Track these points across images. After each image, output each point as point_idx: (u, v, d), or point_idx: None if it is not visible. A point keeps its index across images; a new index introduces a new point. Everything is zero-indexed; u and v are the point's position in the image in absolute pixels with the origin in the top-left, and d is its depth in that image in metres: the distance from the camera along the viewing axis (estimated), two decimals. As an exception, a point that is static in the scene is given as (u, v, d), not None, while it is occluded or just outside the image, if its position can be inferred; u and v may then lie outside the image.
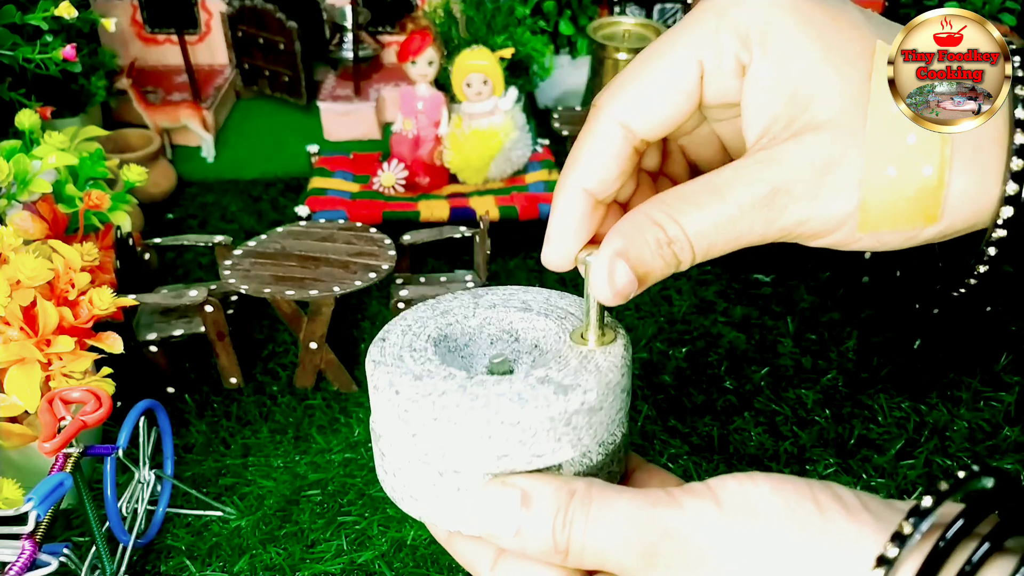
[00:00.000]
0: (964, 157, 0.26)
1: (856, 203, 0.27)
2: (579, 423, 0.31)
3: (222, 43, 1.26)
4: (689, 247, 0.28)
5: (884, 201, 0.27)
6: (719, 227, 0.27)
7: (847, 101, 0.27)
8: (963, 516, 0.23)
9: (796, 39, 0.27)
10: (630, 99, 0.29)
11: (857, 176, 0.27)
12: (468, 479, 0.31)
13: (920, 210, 0.27)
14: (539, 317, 0.36)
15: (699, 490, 0.27)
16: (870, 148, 0.26)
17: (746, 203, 0.27)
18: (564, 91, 1.31)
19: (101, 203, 0.76)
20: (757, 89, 0.28)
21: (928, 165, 0.26)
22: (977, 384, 0.78)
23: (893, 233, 0.27)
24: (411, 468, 0.32)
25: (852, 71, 0.27)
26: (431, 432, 0.31)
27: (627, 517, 0.27)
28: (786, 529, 0.25)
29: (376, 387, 0.33)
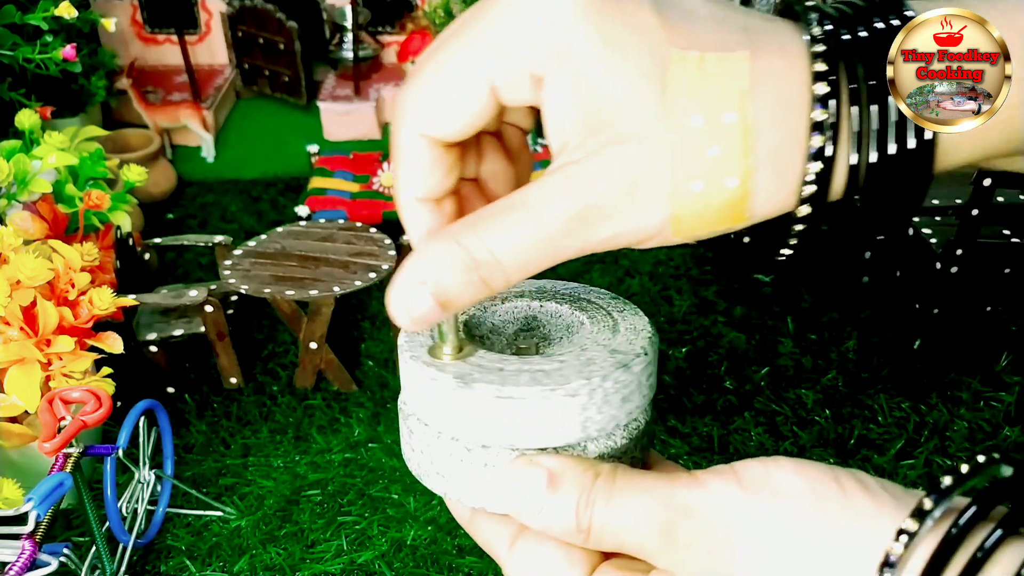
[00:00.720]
0: (766, 166, 0.27)
1: (666, 215, 0.28)
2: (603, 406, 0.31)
3: (222, 43, 1.26)
4: (501, 269, 0.29)
5: (693, 213, 0.27)
6: (532, 246, 0.28)
7: (648, 113, 0.27)
8: (977, 501, 0.24)
9: (592, 49, 0.27)
10: (424, 110, 0.29)
11: (665, 190, 0.28)
12: (496, 456, 0.31)
13: (729, 215, 0.28)
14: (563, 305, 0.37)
15: (722, 470, 0.27)
16: (673, 164, 0.27)
17: (558, 222, 0.26)
18: (564, 91, 1.30)
19: (101, 203, 0.76)
20: (555, 104, 0.28)
21: (732, 177, 0.26)
22: (977, 384, 0.78)
23: (708, 234, 0.29)
24: (440, 444, 0.33)
25: (651, 80, 0.27)
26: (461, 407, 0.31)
27: (649, 495, 0.27)
28: (808, 508, 0.25)
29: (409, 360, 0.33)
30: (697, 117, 0.26)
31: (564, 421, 0.32)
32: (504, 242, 0.28)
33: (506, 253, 0.28)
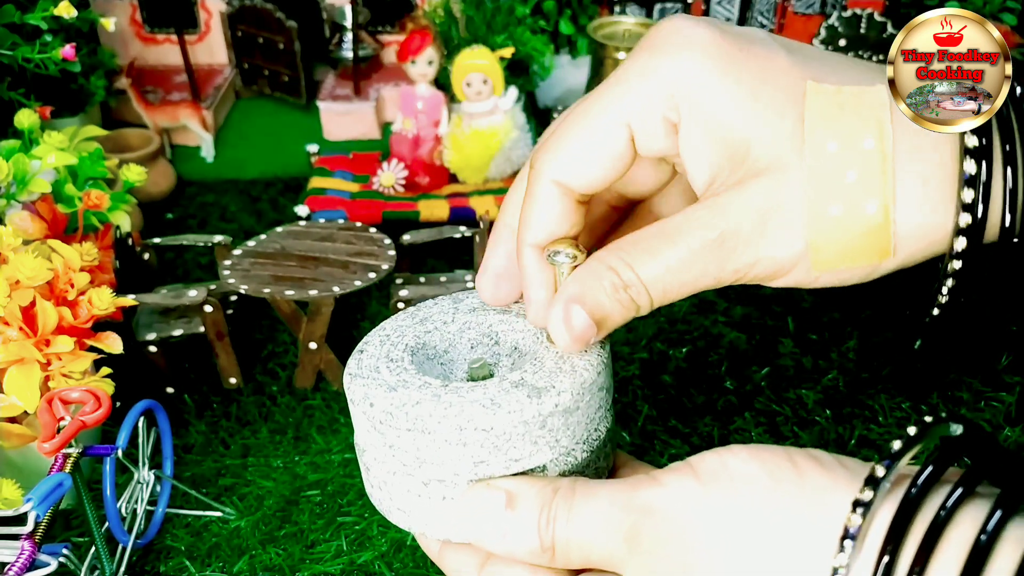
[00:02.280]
0: (912, 191, 0.26)
1: (804, 244, 0.27)
2: (555, 425, 0.31)
3: (222, 43, 1.26)
4: (645, 291, 0.29)
5: (832, 240, 0.27)
6: (672, 271, 0.28)
7: (784, 145, 0.27)
8: (933, 462, 0.24)
9: (722, 90, 0.27)
10: (564, 161, 0.30)
11: (801, 217, 0.27)
12: (453, 488, 0.31)
13: (871, 246, 0.27)
14: (519, 319, 0.36)
15: (679, 467, 0.27)
16: (811, 188, 0.26)
17: (696, 247, 0.27)
18: (564, 91, 1.30)
19: (100, 203, 0.76)
20: (692, 147, 0.28)
21: (871, 202, 0.26)
22: (978, 384, 0.78)
23: (851, 270, 0.28)
24: (395, 480, 0.32)
25: (785, 114, 0.27)
26: (406, 442, 0.31)
27: (608, 503, 0.27)
28: (764, 491, 0.25)
29: (352, 400, 0.33)
30: (833, 144, 0.26)
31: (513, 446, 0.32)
32: (647, 265, 0.29)
33: (648, 276, 0.28)
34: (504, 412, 0.30)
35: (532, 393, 0.31)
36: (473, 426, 0.29)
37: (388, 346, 0.36)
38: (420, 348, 0.36)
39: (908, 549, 0.22)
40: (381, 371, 0.34)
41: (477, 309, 0.37)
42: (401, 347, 0.35)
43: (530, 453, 0.31)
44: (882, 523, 0.23)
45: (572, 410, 0.31)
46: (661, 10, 1.33)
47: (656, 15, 1.32)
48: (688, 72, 0.27)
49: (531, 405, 0.30)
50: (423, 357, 0.36)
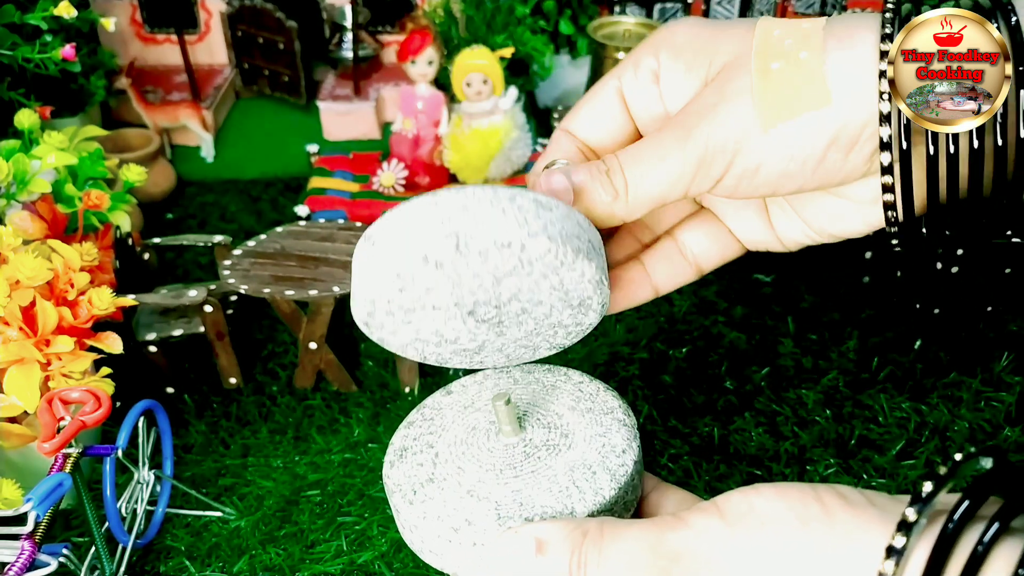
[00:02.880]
0: (839, 50, 0.30)
1: (752, 102, 0.31)
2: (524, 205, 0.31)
3: (221, 43, 1.26)
4: (620, 172, 0.33)
5: (774, 89, 0.31)
6: (642, 151, 0.33)
7: (740, 49, 0.32)
8: (967, 498, 0.24)
9: (693, 33, 0.34)
10: (572, 116, 0.38)
11: (749, 79, 0.32)
12: (483, 533, 0.32)
13: (809, 89, 0.30)
14: None
15: (705, 507, 0.27)
16: (756, 56, 0.31)
17: (664, 131, 0.33)
18: (564, 91, 1.30)
19: (100, 203, 0.76)
20: (670, 80, 0.34)
21: (804, 51, 0.31)
22: (978, 384, 0.78)
23: (795, 126, 0.30)
24: (427, 525, 0.35)
25: (743, 34, 0.33)
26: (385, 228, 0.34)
27: (638, 546, 0.27)
28: (792, 531, 0.25)
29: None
30: (777, 30, 0.31)
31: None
32: (627, 152, 0.34)
33: (626, 158, 0.33)
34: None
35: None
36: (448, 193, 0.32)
37: None
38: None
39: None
40: None
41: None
42: None
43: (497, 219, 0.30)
44: (917, 564, 0.23)
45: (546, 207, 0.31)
46: (661, 10, 1.33)
47: (656, 15, 1.32)
48: (668, 32, 0.34)
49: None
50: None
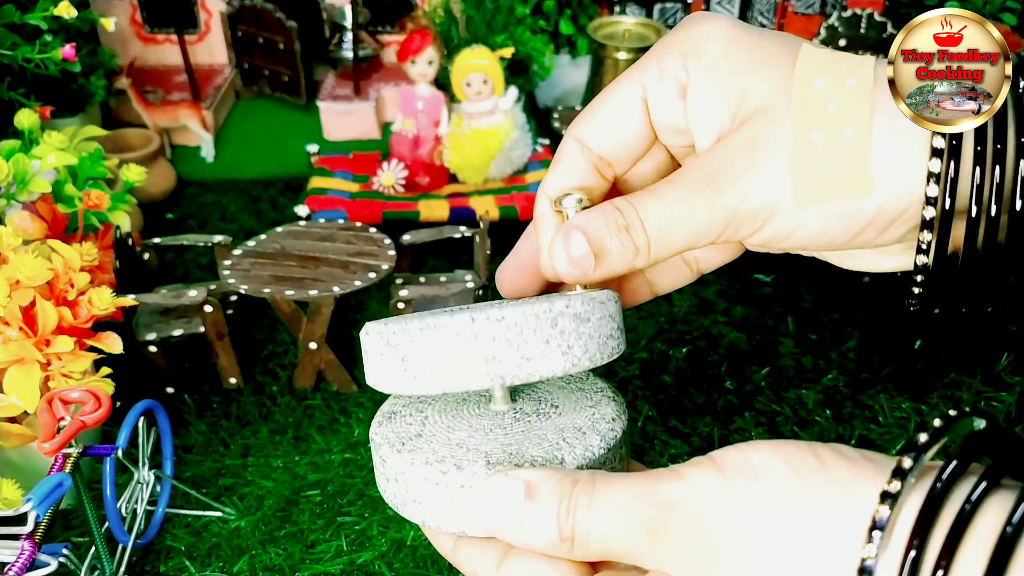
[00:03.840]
0: (888, 133, 0.28)
1: (786, 173, 0.29)
2: (566, 327, 0.31)
3: (221, 43, 1.26)
4: (643, 230, 0.30)
5: (813, 167, 0.28)
6: (667, 208, 0.30)
7: (775, 88, 0.29)
8: (958, 456, 0.24)
9: (727, 50, 0.30)
10: (586, 121, 0.33)
11: (785, 145, 0.28)
12: (472, 476, 0.31)
13: (849, 175, 0.28)
14: None
15: (701, 461, 0.27)
16: (795, 117, 0.28)
17: (690, 183, 0.30)
18: (564, 91, 1.30)
19: (100, 203, 0.76)
20: (698, 100, 0.30)
21: (849, 127, 0.28)
22: (978, 384, 0.78)
23: (833, 216, 0.28)
24: (414, 470, 0.32)
25: (780, 66, 0.29)
26: (419, 345, 0.31)
27: (630, 494, 0.27)
28: (788, 484, 0.25)
29: (367, 333, 0.33)
30: (820, 81, 0.28)
31: (525, 341, 0.32)
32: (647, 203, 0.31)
33: (648, 213, 0.31)
34: (513, 305, 0.31)
35: (543, 300, 0.31)
36: (485, 316, 0.30)
37: None
38: None
39: (935, 540, 0.22)
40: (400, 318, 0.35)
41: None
42: None
43: (542, 353, 0.31)
44: (909, 515, 0.23)
45: (583, 319, 0.31)
46: (661, 10, 1.33)
47: (656, 15, 1.32)
48: (699, 38, 0.30)
49: (542, 303, 0.31)
50: None
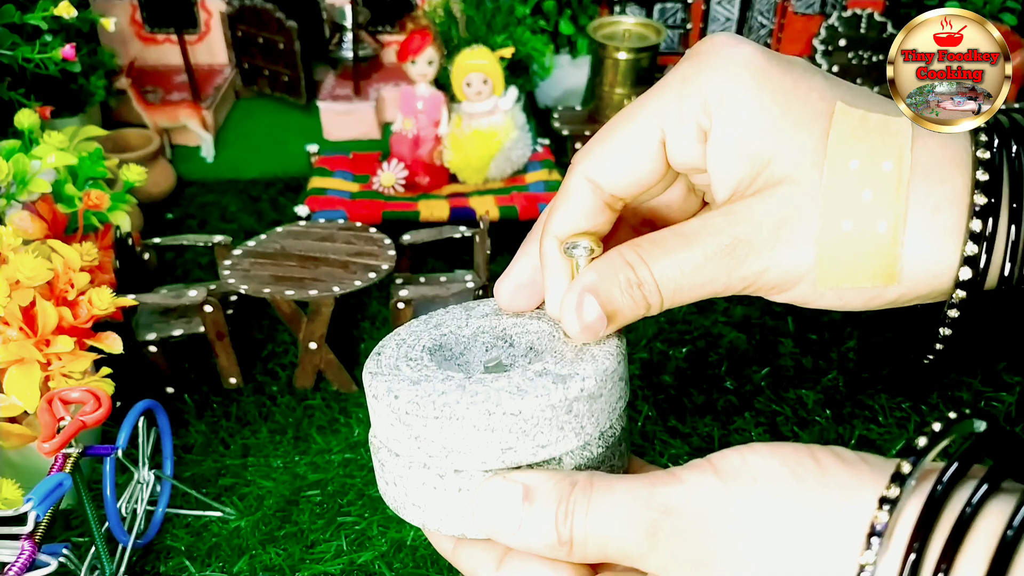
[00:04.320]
0: (921, 216, 0.27)
1: (813, 256, 0.28)
2: (580, 410, 0.31)
3: (222, 43, 1.26)
4: (657, 291, 0.30)
5: (841, 256, 0.28)
6: (684, 273, 0.29)
7: (805, 158, 0.27)
8: (959, 458, 0.24)
9: (755, 102, 0.28)
10: (598, 158, 0.31)
11: (813, 229, 0.27)
12: (470, 479, 0.31)
13: (878, 267, 0.28)
14: (532, 320, 0.37)
15: (699, 464, 0.27)
16: (826, 202, 0.27)
17: (710, 251, 0.28)
18: (564, 91, 1.30)
19: (100, 203, 0.76)
20: (719, 153, 0.29)
21: (883, 221, 0.27)
22: (978, 384, 0.78)
23: (854, 291, 0.28)
24: (412, 474, 0.32)
25: (811, 130, 0.27)
26: (433, 431, 0.31)
27: (628, 498, 0.27)
28: (787, 488, 0.25)
29: (375, 396, 0.33)
30: (855, 162, 0.26)
31: (540, 431, 0.31)
32: (661, 264, 0.29)
33: (661, 275, 0.29)
34: (532, 396, 0.30)
35: (557, 379, 0.31)
36: (502, 411, 0.30)
37: (406, 348, 0.36)
38: (437, 349, 0.36)
39: (935, 545, 0.22)
40: (402, 369, 0.34)
41: (489, 315, 0.38)
42: (419, 348, 0.36)
43: (556, 439, 0.31)
44: (908, 520, 0.23)
45: (596, 396, 0.31)
46: (661, 10, 1.33)
47: (656, 15, 1.32)
48: (725, 80, 0.28)
49: (557, 390, 0.30)
50: (441, 357, 0.36)
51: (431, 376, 0.33)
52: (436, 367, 0.34)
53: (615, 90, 1.08)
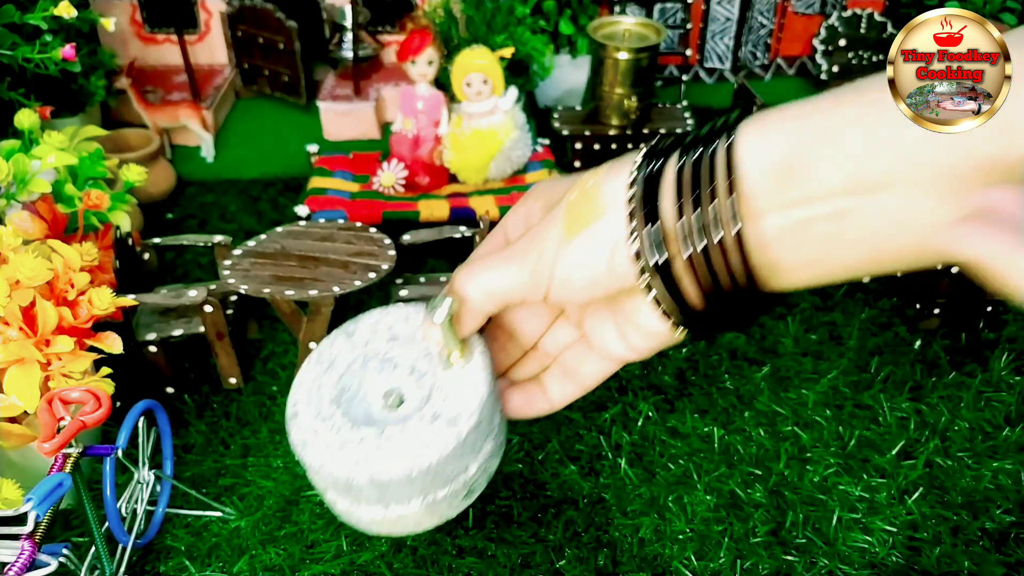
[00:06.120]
0: (610, 172, 0.37)
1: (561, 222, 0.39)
2: (473, 438, 0.41)
3: (222, 43, 1.26)
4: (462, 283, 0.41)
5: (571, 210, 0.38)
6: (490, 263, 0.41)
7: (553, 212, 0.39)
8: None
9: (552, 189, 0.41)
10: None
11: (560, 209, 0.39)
12: (407, 507, 0.41)
13: (592, 210, 0.38)
14: (407, 342, 0.46)
15: None
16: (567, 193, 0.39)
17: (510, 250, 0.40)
18: (564, 91, 1.30)
19: (100, 203, 0.76)
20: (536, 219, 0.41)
21: (592, 180, 0.38)
22: (978, 384, 0.78)
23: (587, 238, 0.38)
24: (359, 509, 0.41)
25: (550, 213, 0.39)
26: (367, 491, 0.40)
27: None
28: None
29: (311, 467, 0.41)
30: (592, 178, 0.38)
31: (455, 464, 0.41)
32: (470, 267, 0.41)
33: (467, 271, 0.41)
34: (435, 448, 0.40)
35: (449, 424, 0.40)
36: (417, 469, 0.39)
37: (315, 403, 0.43)
38: (341, 395, 0.44)
39: None
40: (320, 433, 0.42)
41: (370, 341, 0.46)
42: (326, 401, 0.44)
43: (465, 466, 0.41)
44: None
45: (480, 421, 0.41)
46: (661, 10, 1.33)
47: (656, 15, 1.32)
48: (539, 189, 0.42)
49: (453, 435, 0.40)
50: (347, 404, 0.44)
51: (349, 439, 0.41)
52: (349, 424, 0.42)
53: (615, 90, 1.08)
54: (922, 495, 0.67)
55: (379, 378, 0.45)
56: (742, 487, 0.68)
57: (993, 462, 0.70)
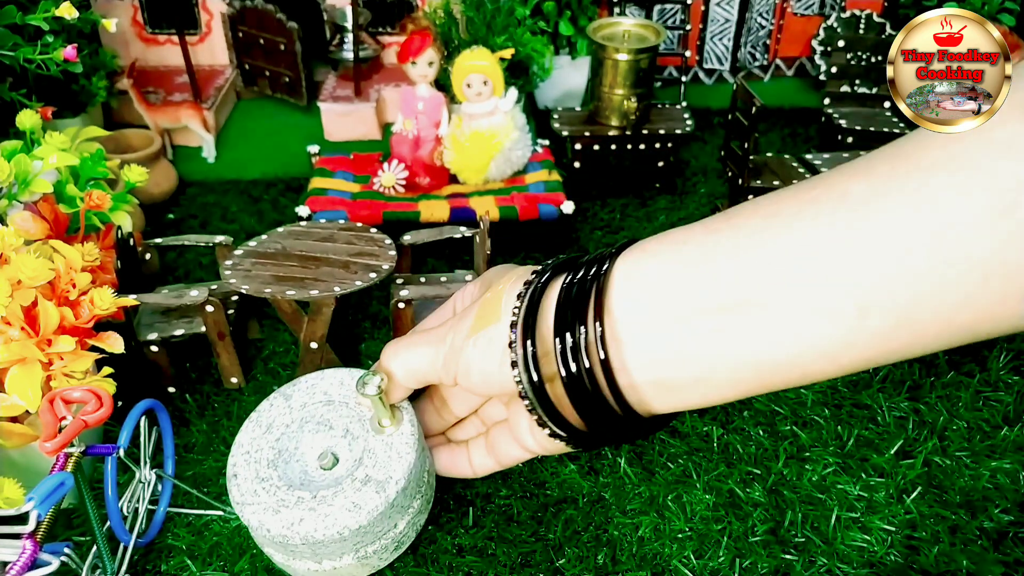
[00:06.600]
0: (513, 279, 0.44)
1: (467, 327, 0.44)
2: (400, 500, 0.45)
3: (223, 44, 1.26)
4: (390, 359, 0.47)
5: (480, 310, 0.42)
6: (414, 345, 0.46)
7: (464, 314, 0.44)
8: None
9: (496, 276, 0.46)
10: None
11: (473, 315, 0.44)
12: (340, 560, 0.47)
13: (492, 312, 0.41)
14: (341, 406, 0.49)
15: None
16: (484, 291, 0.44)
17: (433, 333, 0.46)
18: (564, 91, 1.31)
19: (102, 203, 0.76)
20: None
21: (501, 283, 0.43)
22: (977, 384, 0.78)
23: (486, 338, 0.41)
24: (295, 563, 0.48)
25: None
26: (302, 549, 0.44)
27: None
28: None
29: (251, 525, 0.46)
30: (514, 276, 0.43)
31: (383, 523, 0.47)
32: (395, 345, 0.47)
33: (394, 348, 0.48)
34: (366, 511, 0.43)
35: (379, 488, 0.44)
36: (348, 530, 0.43)
37: (254, 465, 0.47)
38: (278, 457, 0.47)
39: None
40: (259, 495, 0.46)
41: (307, 404, 0.49)
42: (264, 464, 0.47)
43: (394, 524, 0.45)
44: None
45: (408, 486, 0.45)
46: (660, 10, 1.33)
47: (656, 16, 1.32)
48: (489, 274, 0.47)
49: (381, 498, 0.43)
50: (284, 466, 0.47)
51: (285, 500, 0.44)
52: (286, 486, 0.45)
53: (615, 91, 1.08)
54: (920, 494, 0.67)
55: (315, 440, 0.48)
56: (741, 486, 0.68)
57: (991, 461, 0.70)
